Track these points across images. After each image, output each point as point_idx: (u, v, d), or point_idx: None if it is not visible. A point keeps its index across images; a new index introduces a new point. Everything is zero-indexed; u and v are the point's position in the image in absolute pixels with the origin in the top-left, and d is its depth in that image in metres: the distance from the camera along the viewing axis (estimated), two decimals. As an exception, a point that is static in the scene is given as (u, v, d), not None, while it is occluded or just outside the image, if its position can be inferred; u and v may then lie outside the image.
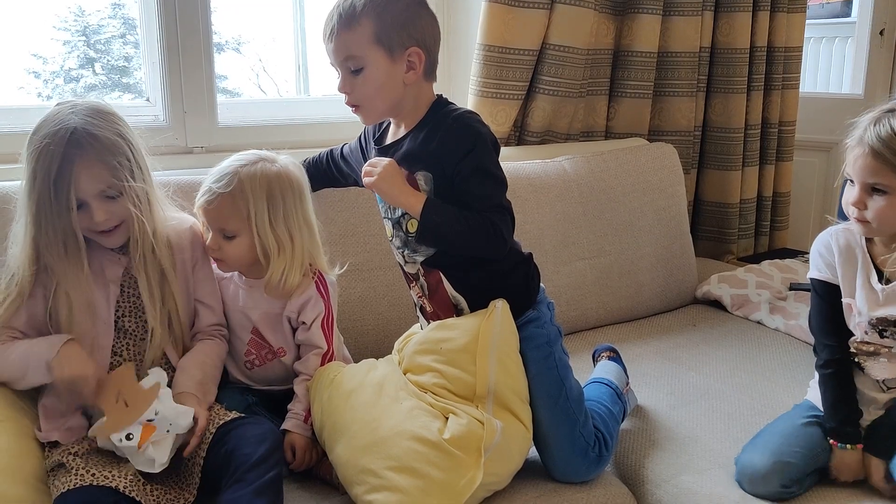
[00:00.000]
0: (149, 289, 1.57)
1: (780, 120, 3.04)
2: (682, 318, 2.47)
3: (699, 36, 2.75)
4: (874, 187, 1.52)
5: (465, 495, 1.44)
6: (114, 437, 1.42)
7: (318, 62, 2.72)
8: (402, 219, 1.62)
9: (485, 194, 1.56)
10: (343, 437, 1.53)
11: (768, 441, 1.59)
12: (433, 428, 1.48)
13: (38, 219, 1.48)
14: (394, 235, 1.67)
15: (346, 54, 1.56)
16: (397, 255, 1.69)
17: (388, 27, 1.54)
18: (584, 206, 2.38)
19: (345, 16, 1.54)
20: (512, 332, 1.59)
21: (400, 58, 1.56)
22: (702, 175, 2.99)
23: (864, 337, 1.59)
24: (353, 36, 1.54)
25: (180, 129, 2.21)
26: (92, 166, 1.47)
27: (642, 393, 1.93)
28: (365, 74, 1.56)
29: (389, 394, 1.56)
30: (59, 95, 2.80)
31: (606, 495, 1.58)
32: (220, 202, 1.60)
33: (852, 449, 1.55)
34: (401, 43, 1.55)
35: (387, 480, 1.44)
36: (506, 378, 1.56)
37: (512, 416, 1.56)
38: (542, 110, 2.55)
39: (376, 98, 1.59)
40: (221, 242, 1.63)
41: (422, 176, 1.58)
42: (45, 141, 1.44)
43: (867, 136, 1.51)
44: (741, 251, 3.05)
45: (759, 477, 1.53)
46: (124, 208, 1.52)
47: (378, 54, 1.55)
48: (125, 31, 2.75)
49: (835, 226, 1.66)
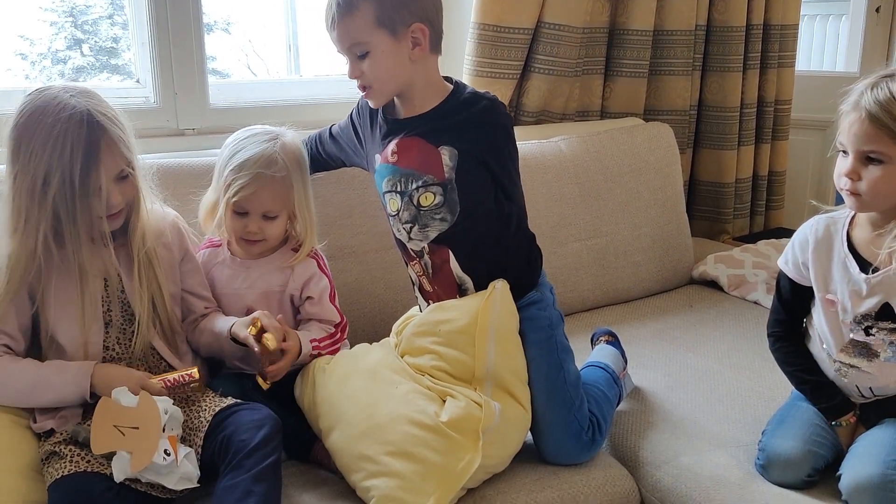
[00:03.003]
0: (138, 273, 1.55)
1: (775, 98, 3.02)
2: (679, 299, 2.46)
3: (695, 14, 2.73)
4: (869, 156, 1.41)
5: (463, 478, 1.44)
6: (156, 458, 1.35)
7: (308, 42, 2.69)
8: (414, 192, 1.61)
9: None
10: (339, 424, 1.52)
11: (799, 429, 1.55)
12: (430, 411, 1.48)
13: (57, 211, 1.42)
14: (401, 210, 1.64)
15: (350, 41, 1.56)
16: (401, 230, 1.66)
17: (388, 8, 1.54)
18: (580, 186, 2.36)
19: (343, 3, 1.54)
20: (511, 314, 1.59)
21: (404, 36, 1.56)
22: (697, 154, 2.97)
23: (850, 335, 1.52)
24: (354, 22, 1.54)
25: (171, 111, 2.17)
26: (112, 146, 1.44)
27: (640, 374, 1.92)
28: (371, 58, 1.56)
29: (385, 378, 1.55)
30: (46, 77, 2.77)
31: (605, 477, 1.58)
32: (273, 186, 1.63)
33: (847, 425, 1.55)
34: (403, 21, 1.55)
35: (384, 466, 1.43)
36: (504, 360, 1.56)
37: (511, 397, 1.55)
38: (538, 90, 2.52)
39: (386, 79, 1.60)
40: (263, 225, 1.65)
41: (446, 150, 1.59)
42: (60, 127, 1.39)
43: (864, 101, 1.40)
44: (737, 231, 3.04)
45: (791, 464, 1.50)
46: (132, 188, 1.51)
47: (382, 36, 1.55)
48: (112, 11, 2.71)
49: (820, 215, 1.58)
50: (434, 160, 1.59)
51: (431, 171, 1.59)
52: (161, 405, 1.41)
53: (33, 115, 1.42)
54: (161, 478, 1.37)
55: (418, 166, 1.60)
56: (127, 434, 1.37)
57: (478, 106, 1.59)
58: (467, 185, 1.60)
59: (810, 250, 1.56)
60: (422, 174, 1.60)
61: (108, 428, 1.38)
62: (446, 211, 1.61)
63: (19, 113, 1.44)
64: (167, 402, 1.44)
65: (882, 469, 1.40)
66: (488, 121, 1.60)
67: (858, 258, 1.50)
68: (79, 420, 1.47)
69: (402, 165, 1.62)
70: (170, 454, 1.36)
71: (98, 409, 1.40)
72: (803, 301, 1.62)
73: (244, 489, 1.34)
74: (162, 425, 1.39)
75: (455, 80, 1.67)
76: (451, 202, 1.60)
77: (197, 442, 1.45)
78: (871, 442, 1.49)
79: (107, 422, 1.38)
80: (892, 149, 1.40)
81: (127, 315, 1.56)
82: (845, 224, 1.53)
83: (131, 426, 1.38)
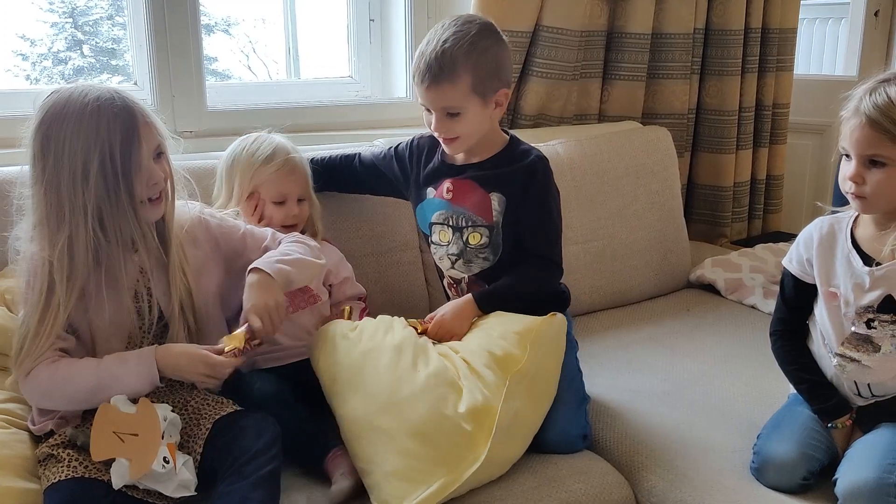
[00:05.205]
0: (169, 272, 1.50)
1: (774, 102, 3.02)
2: (676, 303, 2.46)
3: (693, 17, 2.73)
4: (872, 160, 1.44)
5: (468, 471, 1.45)
6: (155, 466, 1.34)
7: (308, 45, 2.69)
8: (464, 229, 1.77)
9: (543, 241, 1.78)
10: (359, 392, 1.53)
11: (793, 432, 1.56)
12: (450, 399, 1.50)
13: (101, 198, 1.38)
14: (451, 243, 1.80)
15: (444, 103, 1.70)
16: (444, 260, 1.82)
17: (484, 78, 1.69)
18: (577, 190, 2.36)
19: (445, 69, 1.65)
20: (562, 345, 1.67)
21: (491, 100, 1.73)
22: (695, 158, 2.97)
23: (852, 328, 1.54)
24: (452, 88, 1.67)
25: (169, 113, 2.16)
26: (147, 120, 1.43)
27: (636, 379, 1.92)
28: (461, 118, 1.71)
29: (408, 360, 1.56)
30: (47, 78, 2.77)
31: (602, 484, 1.58)
32: (303, 168, 1.82)
33: (843, 427, 1.55)
34: (493, 88, 1.72)
35: (399, 443, 1.45)
36: (545, 368, 1.62)
37: (533, 404, 1.59)
38: (536, 93, 2.53)
39: (471, 136, 1.75)
40: (299, 208, 1.82)
41: (496, 197, 1.76)
42: (91, 108, 1.35)
43: (863, 106, 1.43)
44: (735, 234, 3.04)
45: (786, 467, 1.51)
46: (168, 166, 1.49)
47: (474, 102, 1.70)
48: (113, 12, 2.71)
49: (826, 215, 1.61)
50: (485, 204, 1.76)
51: (482, 214, 1.77)
52: (160, 412, 1.41)
53: (58, 108, 1.38)
54: (159, 485, 1.36)
55: (471, 207, 1.77)
56: (126, 441, 1.36)
57: (526, 161, 1.77)
58: (510, 230, 1.76)
59: (815, 246, 1.58)
60: (473, 215, 1.77)
61: (108, 434, 1.37)
62: (490, 251, 1.78)
63: (41, 112, 1.39)
64: (166, 408, 1.43)
65: (878, 473, 1.40)
66: (532, 175, 1.76)
67: (862, 254, 1.53)
68: (78, 423, 1.45)
69: (456, 203, 1.79)
70: (169, 462, 1.36)
71: (98, 415, 1.39)
72: (806, 299, 1.64)
73: (242, 495, 1.34)
74: (161, 432, 1.38)
75: (510, 134, 1.84)
76: (495, 244, 1.77)
77: (196, 449, 1.44)
78: (866, 446, 1.50)
79: (107, 428, 1.37)
80: (894, 151, 1.43)
81: (153, 313, 1.51)
82: (849, 223, 1.56)
83: (131, 433, 1.37)
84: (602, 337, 2.20)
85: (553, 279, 1.83)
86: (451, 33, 1.67)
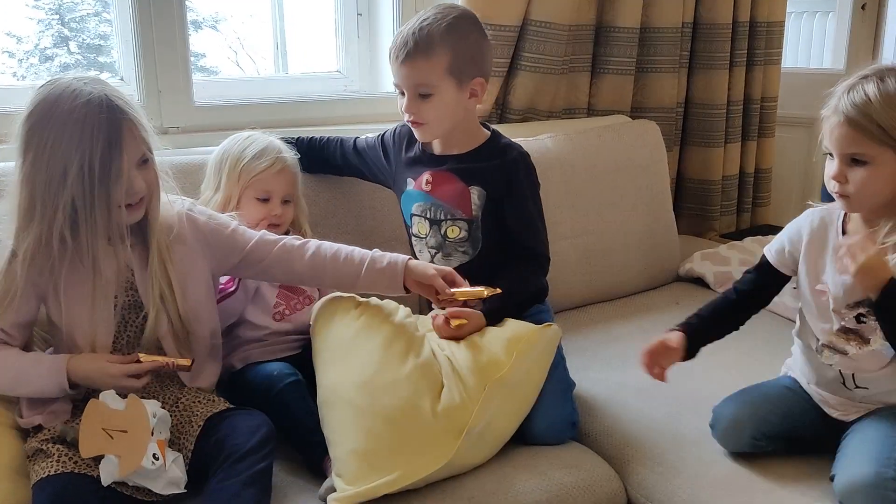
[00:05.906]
0: (151, 268, 1.49)
1: (762, 96, 3.03)
2: (666, 297, 2.46)
3: (681, 11, 2.73)
4: (853, 158, 1.42)
5: (429, 469, 1.44)
6: (144, 463, 1.34)
7: (296, 40, 2.68)
8: (442, 223, 1.74)
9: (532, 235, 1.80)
10: (344, 364, 1.54)
11: (747, 395, 1.62)
12: (428, 396, 1.50)
13: (75, 201, 1.36)
14: (429, 235, 1.79)
15: (417, 81, 1.68)
16: (423, 252, 1.81)
17: (461, 59, 1.68)
18: (566, 184, 2.36)
19: (421, 44, 1.64)
20: (550, 357, 1.66)
21: (466, 86, 1.71)
22: (684, 152, 2.97)
23: (841, 323, 1.53)
24: (427, 65, 1.66)
25: (155, 109, 2.16)
26: (133, 129, 1.40)
27: (625, 372, 1.92)
28: (433, 100, 1.69)
29: (399, 347, 1.56)
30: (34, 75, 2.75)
31: (592, 477, 1.59)
32: (292, 169, 1.80)
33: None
34: (469, 74, 1.70)
35: (368, 422, 1.46)
36: (529, 379, 1.61)
37: (508, 414, 1.58)
38: (524, 87, 2.52)
39: (441, 121, 1.74)
40: (283, 209, 1.79)
41: (476, 191, 1.75)
42: (78, 113, 1.34)
43: (841, 105, 1.41)
44: (723, 228, 3.05)
45: (731, 426, 1.56)
46: (153, 174, 1.47)
47: (448, 84, 1.69)
48: (100, 8, 2.69)
49: (818, 207, 1.60)
50: (464, 197, 1.75)
51: (461, 207, 1.75)
52: (150, 408, 1.40)
53: (47, 105, 1.37)
54: (149, 482, 1.36)
55: (450, 200, 1.76)
56: (115, 437, 1.36)
57: (509, 156, 1.76)
58: (490, 224, 1.75)
59: (805, 241, 1.58)
60: (451, 208, 1.76)
61: (97, 431, 1.36)
62: (469, 246, 1.77)
63: (31, 105, 1.38)
64: (155, 405, 1.43)
65: (876, 468, 1.39)
66: (516, 170, 1.76)
67: None
68: (68, 417, 1.45)
69: (435, 196, 1.78)
70: (158, 458, 1.35)
71: (87, 412, 1.38)
72: (768, 284, 1.66)
73: (233, 493, 1.34)
74: (151, 429, 1.37)
75: (492, 128, 1.83)
76: (474, 238, 1.77)
77: (187, 446, 1.44)
78: (862, 440, 1.49)
79: (95, 424, 1.37)
80: (874, 149, 1.41)
81: (137, 311, 1.50)
82: (840, 216, 1.55)
83: (120, 429, 1.37)
84: (592, 331, 2.20)
85: (542, 273, 1.83)
86: (432, 14, 1.68)
